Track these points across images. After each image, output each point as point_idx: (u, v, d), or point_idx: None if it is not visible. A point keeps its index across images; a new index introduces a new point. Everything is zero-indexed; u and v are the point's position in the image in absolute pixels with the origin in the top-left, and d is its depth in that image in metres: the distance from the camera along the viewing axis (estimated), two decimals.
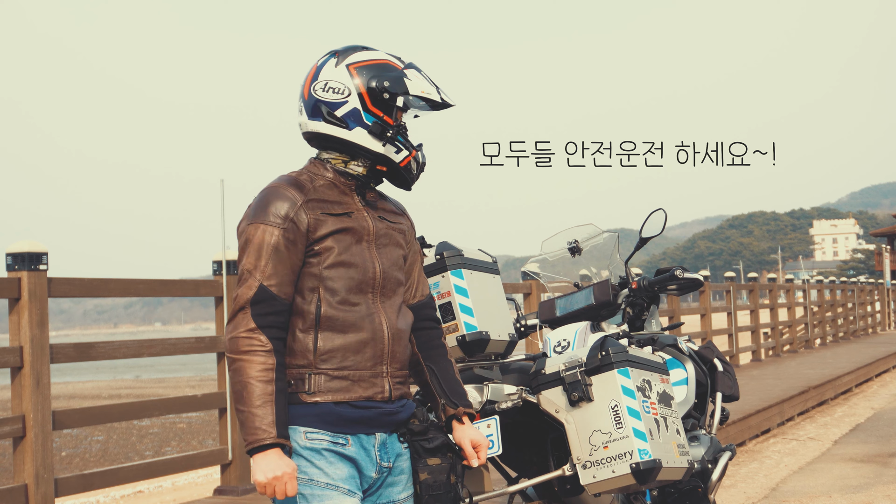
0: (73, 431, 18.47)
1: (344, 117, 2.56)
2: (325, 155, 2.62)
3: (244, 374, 2.40)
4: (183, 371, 44.67)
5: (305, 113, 2.60)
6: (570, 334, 3.80)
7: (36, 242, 5.39)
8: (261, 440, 2.38)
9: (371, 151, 2.57)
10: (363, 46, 2.64)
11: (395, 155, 2.59)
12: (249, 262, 2.46)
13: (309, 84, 2.60)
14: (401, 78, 2.58)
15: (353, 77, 2.57)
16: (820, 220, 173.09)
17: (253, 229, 2.48)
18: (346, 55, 2.60)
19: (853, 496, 6.96)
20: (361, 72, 2.57)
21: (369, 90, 2.56)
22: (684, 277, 3.99)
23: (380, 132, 2.56)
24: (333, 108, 2.56)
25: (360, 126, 2.56)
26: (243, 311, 2.44)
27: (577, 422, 2.98)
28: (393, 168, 2.61)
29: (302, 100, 2.61)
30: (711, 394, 4.15)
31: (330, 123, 2.57)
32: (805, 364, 16.00)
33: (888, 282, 38.91)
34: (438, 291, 3.03)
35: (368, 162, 2.60)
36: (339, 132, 2.56)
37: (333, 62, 2.59)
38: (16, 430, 5.26)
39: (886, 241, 55.00)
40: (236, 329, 2.43)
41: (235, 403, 2.43)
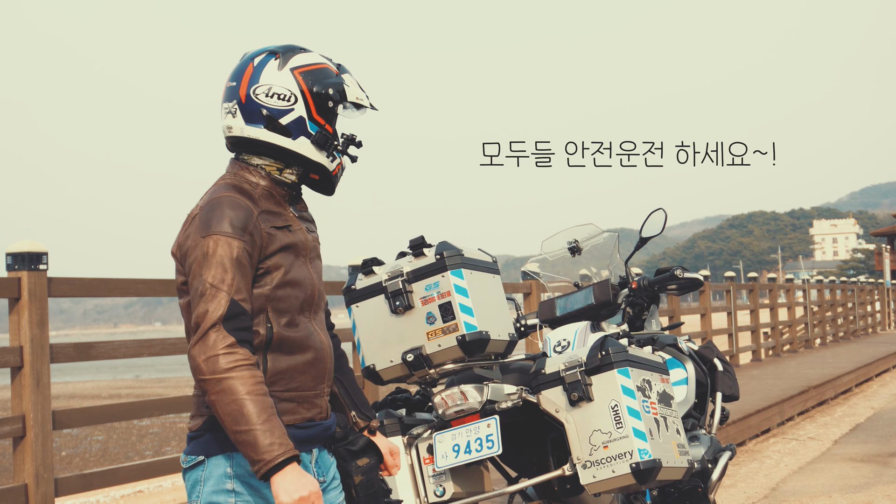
0: (73, 431, 18.47)
1: (289, 126, 2.42)
2: (257, 160, 2.47)
3: (236, 393, 2.21)
4: (183, 371, 44.66)
5: (241, 116, 2.43)
6: (570, 334, 3.80)
7: (36, 242, 5.39)
8: (278, 456, 2.21)
9: (312, 161, 2.46)
10: (300, 47, 2.51)
11: (330, 164, 2.49)
12: (214, 277, 2.27)
13: (247, 87, 2.43)
14: (341, 84, 2.48)
15: (298, 83, 2.44)
16: (820, 220, 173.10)
17: (212, 242, 2.29)
18: (287, 57, 2.46)
19: (853, 496, 6.96)
20: (307, 78, 2.45)
21: (315, 98, 2.45)
22: (684, 277, 3.99)
23: (323, 142, 2.45)
24: (278, 115, 2.42)
25: (304, 135, 2.44)
26: (215, 328, 2.24)
27: (577, 421, 2.98)
28: (325, 176, 2.52)
29: (237, 102, 2.43)
30: (711, 394, 4.15)
31: (272, 131, 2.42)
32: (805, 364, 15.99)
33: (888, 282, 38.91)
34: (438, 291, 3.03)
35: (301, 170, 2.48)
36: (282, 141, 2.42)
37: (275, 64, 2.44)
38: (16, 429, 5.25)
39: (886, 241, 55.00)
40: (212, 348, 2.23)
41: (231, 427, 2.21)
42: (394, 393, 3.50)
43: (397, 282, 3.05)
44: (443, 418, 3.09)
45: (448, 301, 3.00)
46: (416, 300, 3.04)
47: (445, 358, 3.02)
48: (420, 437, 3.12)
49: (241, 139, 2.45)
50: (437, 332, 3.00)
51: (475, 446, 2.99)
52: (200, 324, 2.25)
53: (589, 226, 4.24)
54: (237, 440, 2.22)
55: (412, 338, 3.04)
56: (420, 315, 3.03)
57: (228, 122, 2.45)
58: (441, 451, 3.02)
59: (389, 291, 3.07)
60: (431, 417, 3.23)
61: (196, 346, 2.25)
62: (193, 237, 2.33)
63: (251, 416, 2.21)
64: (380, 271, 3.13)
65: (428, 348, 3.01)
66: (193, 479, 2.37)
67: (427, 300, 3.03)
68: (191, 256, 2.31)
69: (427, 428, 3.14)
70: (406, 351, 3.04)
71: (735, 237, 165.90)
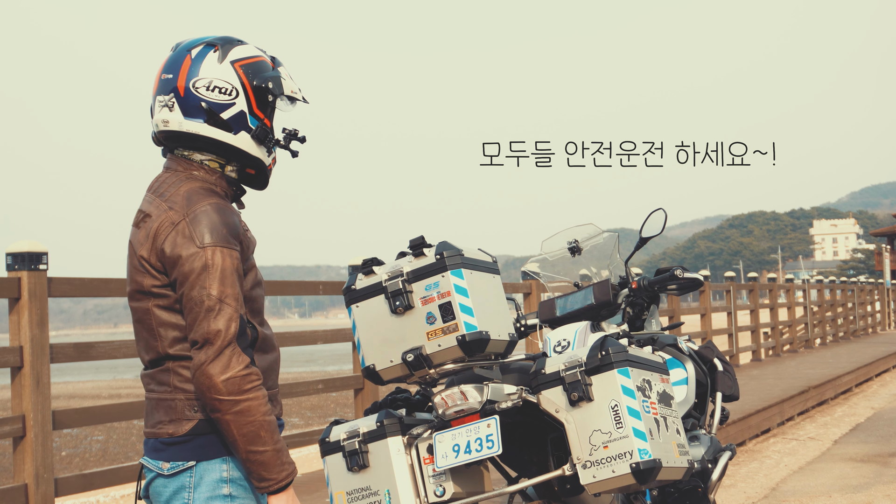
0: (73, 431, 18.47)
1: (229, 120, 2.37)
2: (199, 156, 2.42)
3: (255, 414, 2.24)
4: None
5: (179, 110, 2.36)
6: (570, 334, 3.80)
7: (36, 242, 5.39)
8: (287, 476, 2.30)
9: (251, 156, 2.42)
10: (237, 39, 2.45)
11: (267, 159, 2.46)
12: (221, 292, 2.25)
13: (186, 79, 2.35)
14: (279, 77, 2.44)
15: (239, 77, 2.38)
16: (820, 220, 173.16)
17: (212, 253, 2.26)
18: (227, 50, 2.40)
19: (853, 496, 6.96)
20: (247, 71, 2.39)
21: (255, 91, 2.40)
22: (684, 277, 3.99)
23: (263, 137, 2.41)
24: (219, 109, 2.36)
25: (245, 130, 2.39)
26: (230, 347, 2.23)
27: (577, 421, 2.98)
28: (261, 171, 2.48)
29: (175, 96, 2.36)
30: (711, 394, 4.15)
31: (213, 126, 2.36)
32: (805, 364, 16.00)
33: (888, 282, 38.91)
34: (438, 291, 3.02)
35: (238, 165, 2.45)
36: (223, 136, 2.37)
37: (214, 57, 2.38)
38: (16, 429, 5.26)
39: (886, 241, 55.00)
40: (231, 368, 2.22)
41: (245, 446, 2.25)
42: (394, 393, 3.50)
43: (397, 282, 3.05)
44: (443, 418, 3.09)
45: (448, 301, 3.00)
46: (416, 300, 3.04)
47: (445, 358, 3.02)
48: (420, 437, 3.12)
49: (179, 134, 2.38)
50: (437, 332, 3.00)
51: (475, 446, 2.99)
52: (212, 340, 2.22)
53: (589, 226, 4.23)
54: (248, 458, 2.26)
55: (412, 338, 3.04)
56: (420, 315, 3.03)
57: (164, 116, 2.38)
58: (441, 451, 3.02)
59: (389, 291, 3.07)
60: (431, 417, 3.23)
61: (212, 365, 2.22)
62: (187, 246, 2.27)
63: (267, 437, 2.25)
64: (380, 271, 3.13)
65: (428, 348, 3.01)
66: (177, 485, 2.32)
67: (427, 300, 3.03)
68: (185, 265, 2.26)
69: (427, 428, 3.14)
70: (406, 351, 3.04)
71: (735, 237, 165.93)
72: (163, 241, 2.29)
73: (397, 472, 3.06)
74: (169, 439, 2.34)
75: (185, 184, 2.37)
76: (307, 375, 33.47)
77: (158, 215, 2.33)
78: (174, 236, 2.29)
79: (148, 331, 2.34)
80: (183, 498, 2.32)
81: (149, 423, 2.40)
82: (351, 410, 20.06)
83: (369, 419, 3.16)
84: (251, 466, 2.27)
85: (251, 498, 2.37)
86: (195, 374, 2.24)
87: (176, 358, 2.34)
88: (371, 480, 3.09)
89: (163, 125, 2.39)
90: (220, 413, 2.23)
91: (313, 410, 22.24)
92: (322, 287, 7.98)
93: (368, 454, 3.10)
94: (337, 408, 22.18)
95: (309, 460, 12.37)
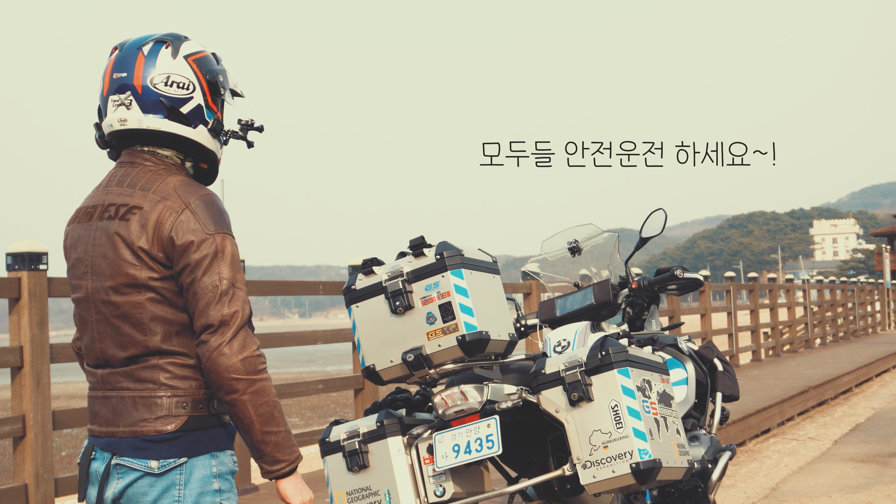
0: (73, 431, 18.47)
1: (188, 114, 2.40)
2: (162, 151, 2.44)
3: (270, 394, 2.30)
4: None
5: (137, 107, 2.37)
6: (570, 334, 3.80)
7: (36, 242, 5.39)
8: (297, 458, 2.33)
9: (207, 150, 2.46)
10: (183, 35, 2.48)
11: (219, 152, 2.50)
12: (234, 277, 2.31)
13: (142, 76, 2.36)
14: (226, 72, 2.49)
15: (194, 71, 2.41)
16: (820, 220, 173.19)
17: (222, 240, 2.32)
18: (178, 45, 2.42)
19: (853, 496, 6.96)
20: (200, 65, 2.43)
21: (210, 86, 2.43)
22: (684, 277, 3.99)
23: (219, 130, 2.46)
24: (179, 104, 2.39)
25: (202, 123, 2.42)
26: (244, 329, 2.30)
27: (577, 422, 2.98)
28: (213, 165, 2.51)
29: (133, 93, 2.36)
30: (711, 394, 4.15)
31: (174, 121, 2.38)
32: (805, 364, 16.00)
33: (888, 282, 38.91)
34: (438, 291, 3.02)
35: (193, 160, 2.48)
36: (184, 131, 2.40)
37: (168, 53, 2.40)
38: (16, 429, 5.26)
39: (886, 241, 55.00)
40: (247, 348, 2.28)
41: (262, 427, 2.30)
42: (394, 393, 3.50)
43: (397, 282, 3.05)
44: (443, 418, 3.09)
45: (448, 301, 3.00)
46: (416, 300, 3.04)
47: (445, 358, 3.02)
48: (420, 437, 3.12)
49: (138, 131, 2.39)
50: (437, 332, 3.00)
51: (475, 446, 2.99)
52: (229, 322, 2.27)
53: (589, 226, 4.23)
54: (263, 440, 2.30)
55: (412, 338, 3.04)
56: (420, 315, 3.03)
57: (121, 115, 2.38)
58: (441, 451, 3.02)
59: (389, 291, 3.07)
60: (431, 417, 3.23)
61: (230, 345, 2.26)
62: (196, 233, 2.29)
63: (280, 418, 2.31)
64: (380, 271, 3.13)
65: (428, 348, 3.01)
66: (167, 483, 2.31)
67: (427, 300, 3.03)
68: (196, 253, 2.29)
69: (427, 428, 3.14)
70: (406, 351, 3.04)
71: (735, 237, 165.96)
72: (169, 230, 2.29)
73: (397, 473, 3.06)
74: (157, 436, 2.31)
75: (168, 177, 2.38)
76: (307, 375, 33.46)
77: (152, 206, 2.32)
78: (180, 225, 2.30)
79: (135, 325, 2.31)
80: (173, 496, 2.30)
81: (123, 423, 2.34)
82: (351, 410, 20.06)
83: (369, 419, 3.16)
84: (266, 448, 2.31)
85: (234, 492, 2.40)
86: (211, 356, 2.26)
87: (167, 353, 2.32)
88: (371, 480, 3.09)
89: (119, 124, 2.39)
90: (238, 393, 2.26)
91: (313, 410, 22.24)
92: (322, 287, 7.99)
93: (368, 454, 3.10)
94: (337, 408, 22.18)
95: (309, 460, 12.37)
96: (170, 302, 2.31)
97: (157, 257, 2.30)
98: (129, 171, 2.41)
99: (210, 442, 2.34)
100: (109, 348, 2.36)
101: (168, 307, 2.31)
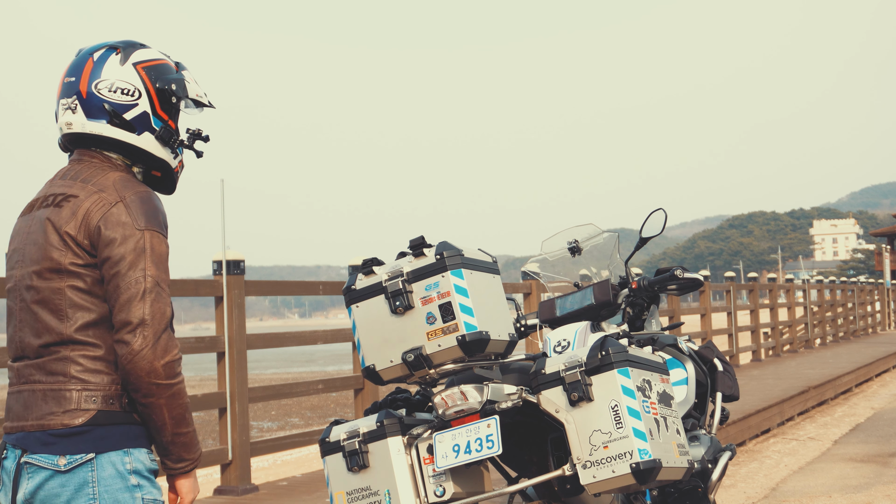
0: None
1: (132, 121, 2.41)
2: (110, 154, 2.45)
3: (184, 396, 2.32)
4: (183, 370, 44.59)
5: (82, 112, 2.39)
6: (570, 334, 3.80)
7: None
8: (200, 456, 2.40)
9: (156, 157, 2.46)
10: (140, 43, 2.49)
11: (173, 161, 2.50)
12: (158, 276, 2.29)
13: (88, 82, 2.39)
14: (182, 80, 2.49)
15: (142, 78, 2.42)
16: (820, 220, 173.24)
17: (150, 237, 2.30)
18: (129, 52, 2.44)
19: (853, 496, 6.96)
20: (150, 73, 2.44)
21: (158, 93, 2.43)
22: (684, 277, 3.99)
23: (168, 138, 2.45)
24: (122, 110, 2.40)
25: (149, 131, 2.43)
26: (167, 331, 2.28)
27: (577, 422, 2.98)
28: (167, 174, 2.51)
29: (78, 98, 2.39)
30: (711, 394, 4.15)
31: (116, 126, 2.40)
32: (805, 364, 16.00)
33: (888, 282, 38.90)
34: (438, 291, 3.02)
35: (144, 167, 2.48)
36: (126, 137, 2.41)
37: (117, 59, 2.42)
38: None
39: (886, 241, 54.99)
40: (169, 352, 2.27)
41: (174, 429, 2.32)
42: (394, 393, 3.50)
43: (397, 282, 3.05)
44: (443, 418, 3.09)
45: (448, 301, 3.00)
46: (416, 300, 3.04)
47: (445, 358, 3.02)
48: (420, 437, 3.12)
49: (83, 136, 2.42)
50: (437, 332, 3.00)
51: (475, 446, 2.99)
52: (150, 323, 2.25)
53: (589, 226, 4.23)
54: (174, 441, 2.33)
55: (412, 338, 3.04)
56: (420, 315, 3.03)
57: (68, 119, 2.41)
58: (441, 451, 3.02)
59: (389, 291, 3.07)
60: (431, 417, 3.23)
61: (153, 349, 2.24)
62: (125, 227, 2.29)
63: (189, 418, 2.34)
64: (380, 271, 3.13)
65: (428, 348, 3.01)
66: (78, 482, 2.26)
67: (427, 300, 3.03)
68: (121, 246, 2.27)
69: (427, 428, 3.14)
70: (406, 351, 3.04)
71: (735, 237, 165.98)
72: (98, 219, 2.29)
73: (397, 473, 3.06)
74: (63, 430, 2.26)
75: (111, 172, 2.39)
76: (307, 375, 33.47)
77: (87, 196, 2.33)
78: (111, 216, 2.29)
79: (52, 311, 2.29)
80: (88, 494, 2.26)
81: (32, 416, 2.30)
82: (351, 410, 20.05)
83: (369, 419, 3.16)
84: (174, 448, 2.34)
85: (154, 485, 2.37)
86: (133, 359, 2.23)
87: (80, 344, 2.29)
88: (371, 480, 3.09)
89: (66, 128, 2.42)
90: (155, 397, 2.26)
91: (313, 410, 22.25)
92: (322, 287, 7.99)
93: (368, 454, 3.10)
94: (337, 408, 22.18)
95: (309, 460, 12.38)
96: (90, 291, 2.29)
97: (82, 244, 2.29)
98: (74, 166, 2.43)
99: (121, 438, 2.30)
100: (27, 336, 2.34)
101: (88, 296, 2.29)
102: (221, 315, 6.87)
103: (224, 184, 7.09)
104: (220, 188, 6.94)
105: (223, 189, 6.96)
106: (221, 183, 7.05)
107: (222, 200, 6.96)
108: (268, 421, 20.75)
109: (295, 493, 6.74)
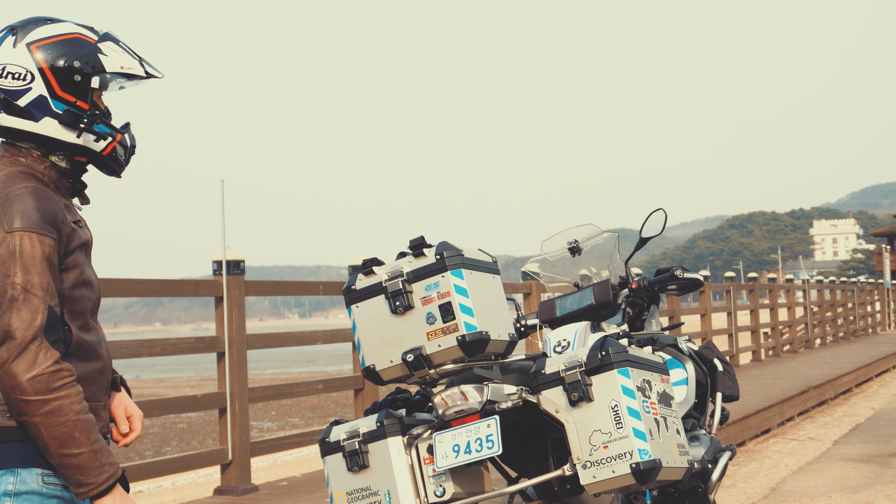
0: None
1: (28, 107, 2.19)
2: (21, 144, 2.24)
3: (67, 413, 2.04)
4: (183, 371, 44.68)
5: None
6: (570, 334, 3.80)
7: None
8: (109, 478, 2.10)
9: (66, 143, 2.23)
10: (48, 18, 2.27)
11: (94, 144, 2.26)
12: (27, 281, 2.05)
13: None
14: (95, 53, 2.24)
15: (34, 59, 2.19)
16: (820, 220, 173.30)
17: (20, 239, 2.07)
18: (26, 32, 2.21)
19: (853, 496, 6.96)
20: (46, 51, 2.19)
21: (56, 72, 2.19)
22: (684, 277, 3.99)
23: (73, 121, 2.22)
24: (14, 96, 2.19)
25: (49, 116, 2.20)
26: (37, 341, 2.04)
27: (577, 422, 2.98)
28: (95, 158, 2.28)
29: None
30: (711, 394, 4.15)
31: (11, 114, 2.19)
32: (805, 364, 16.00)
33: (888, 282, 38.92)
34: (438, 291, 3.02)
35: (66, 154, 2.26)
36: (24, 124, 2.19)
37: (11, 41, 2.20)
38: None
39: (886, 241, 54.99)
40: (38, 365, 2.03)
41: (58, 450, 2.05)
42: (394, 393, 3.50)
43: (397, 282, 3.05)
44: (443, 418, 3.09)
45: (448, 301, 3.00)
46: (416, 300, 3.04)
47: (445, 358, 3.02)
48: (420, 437, 3.12)
49: None
50: (437, 333, 3.00)
51: (475, 446, 2.99)
52: (14, 334, 2.04)
53: (589, 226, 4.23)
54: (62, 463, 2.07)
55: (412, 338, 3.04)
56: (420, 315, 3.03)
57: None
58: (441, 451, 3.02)
59: (389, 291, 3.06)
60: (431, 417, 3.23)
61: (16, 362, 2.03)
62: None
63: (82, 438, 2.07)
64: (380, 271, 3.13)
65: (428, 348, 3.01)
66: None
67: (427, 300, 3.03)
68: None
69: (427, 428, 3.14)
70: (406, 351, 3.04)
71: (735, 237, 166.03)
72: None
73: (397, 473, 3.06)
74: None
75: (5, 168, 2.20)
76: (307, 375, 33.47)
77: None
78: None
79: None
80: None
81: None
82: (351, 410, 20.05)
83: (369, 419, 3.16)
84: (66, 472, 2.08)
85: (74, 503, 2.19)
86: None
87: None
88: (371, 480, 3.09)
89: None
90: (28, 416, 2.04)
91: (313, 410, 22.25)
92: (322, 287, 7.99)
93: (368, 454, 3.10)
94: (337, 408, 22.18)
95: (309, 460, 12.39)
96: None
97: None
98: None
99: (11, 457, 2.11)
100: None
101: None
102: (221, 315, 6.87)
103: (224, 184, 7.09)
104: (220, 188, 6.94)
105: (223, 189, 6.96)
106: (221, 183, 7.05)
107: (222, 200, 6.96)
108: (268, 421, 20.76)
109: (295, 494, 6.74)
